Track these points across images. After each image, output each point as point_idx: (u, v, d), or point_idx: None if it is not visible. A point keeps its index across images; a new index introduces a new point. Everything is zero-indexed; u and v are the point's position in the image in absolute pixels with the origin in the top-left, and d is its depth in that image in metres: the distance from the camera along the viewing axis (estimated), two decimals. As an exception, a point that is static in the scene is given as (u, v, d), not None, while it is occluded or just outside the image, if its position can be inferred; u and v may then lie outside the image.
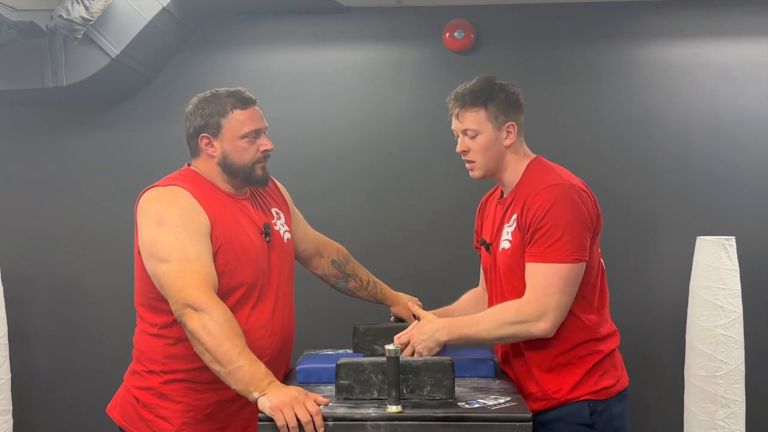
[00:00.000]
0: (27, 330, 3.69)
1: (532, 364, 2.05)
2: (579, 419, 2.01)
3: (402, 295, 2.59)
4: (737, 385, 3.03)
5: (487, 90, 2.06)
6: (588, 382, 2.02)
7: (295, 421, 1.72)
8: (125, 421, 2.14)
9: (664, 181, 3.55)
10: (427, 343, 2.02)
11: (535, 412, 2.01)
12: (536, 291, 1.97)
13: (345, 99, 3.64)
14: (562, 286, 1.96)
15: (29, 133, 3.70)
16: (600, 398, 2.02)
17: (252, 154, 2.14)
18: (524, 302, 1.98)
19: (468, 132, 2.08)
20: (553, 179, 2.01)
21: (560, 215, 1.95)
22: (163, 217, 1.99)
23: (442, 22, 3.57)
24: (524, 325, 1.97)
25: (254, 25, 3.64)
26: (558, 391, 2.02)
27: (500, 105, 2.06)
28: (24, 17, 3.27)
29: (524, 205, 2.01)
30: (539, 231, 1.96)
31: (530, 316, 1.96)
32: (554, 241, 1.95)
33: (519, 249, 2.03)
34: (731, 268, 3.04)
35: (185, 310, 1.88)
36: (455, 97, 2.09)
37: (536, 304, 1.96)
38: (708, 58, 3.54)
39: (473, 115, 2.06)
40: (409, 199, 3.65)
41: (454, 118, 2.10)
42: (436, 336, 2.01)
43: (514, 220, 2.05)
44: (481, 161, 2.09)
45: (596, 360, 2.03)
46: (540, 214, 1.96)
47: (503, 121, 2.07)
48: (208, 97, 2.15)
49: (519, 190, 2.08)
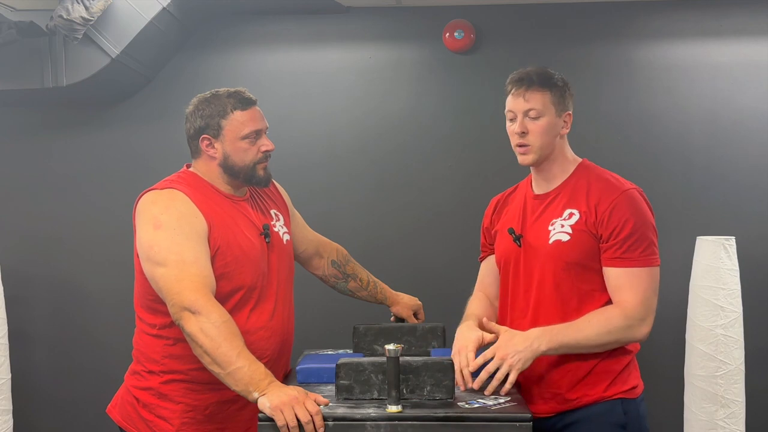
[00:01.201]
0: (27, 330, 3.69)
1: (569, 365, 2.02)
2: (612, 418, 2.00)
3: (402, 295, 2.59)
4: (737, 385, 3.03)
5: (551, 75, 2.08)
6: (619, 381, 2.02)
7: (296, 421, 1.72)
8: (125, 421, 2.14)
9: (664, 181, 3.55)
10: (524, 354, 1.91)
11: (561, 411, 2.02)
12: (640, 294, 1.97)
13: (345, 99, 3.64)
14: (656, 289, 2.01)
15: (29, 133, 3.69)
16: (630, 397, 2.02)
17: (253, 154, 2.14)
18: (629, 306, 1.97)
19: (531, 112, 2.05)
20: (627, 184, 2.06)
21: (646, 221, 2.01)
22: (160, 221, 1.99)
23: (442, 22, 3.57)
24: (630, 330, 1.97)
25: (254, 25, 3.64)
26: (592, 389, 2.01)
27: (562, 92, 2.08)
28: (24, 17, 3.27)
29: (597, 204, 2.01)
30: (632, 237, 1.97)
31: (636, 320, 1.97)
32: (648, 245, 1.99)
33: (582, 244, 2.01)
34: (731, 268, 3.04)
35: (182, 313, 1.88)
36: (520, 77, 2.07)
37: (642, 307, 1.97)
38: (708, 58, 3.54)
39: (540, 95, 2.05)
40: (409, 199, 3.65)
41: (518, 97, 2.06)
42: (535, 345, 1.92)
43: (571, 215, 2.04)
44: (538, 145, 2.06)
45: (627, 361, 2.05)
46: (628, 219, 1.98)
47: (563, 108, 2.08)
48: (208, 97, 2.15)
49: (574, 187, 2.07)
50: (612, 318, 1.97)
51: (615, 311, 1.98)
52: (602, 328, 1.96)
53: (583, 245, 2.01)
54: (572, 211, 2.04)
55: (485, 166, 3.59)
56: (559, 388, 2.04)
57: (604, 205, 2.00)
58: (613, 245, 1.99)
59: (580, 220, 2.02)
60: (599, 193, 2.03)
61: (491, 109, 3.57)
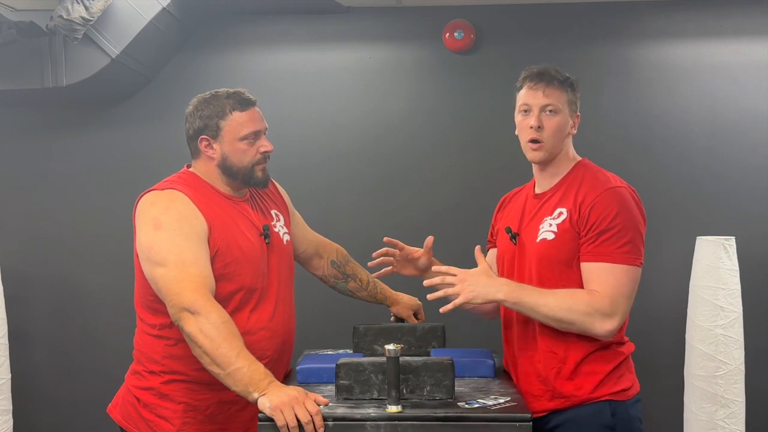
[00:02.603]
0: (27, 330, 3.69)
1: (556, 362, 2.02)
2: (600, 419, 1.99)
3: (402, 295, 2.59)
4: (737, 385, 3.03)
5: (567, 75, 2.10)
6: (608, 382, 2.01)
7: (295, 421, 1.72)
8: (126, 421, 2.14)
9: (664, 180, 3.55)
10: (479, 291, 1.93)
11: (552, 410, 2.01)
12: (608, 289, 1.94)
13: (345, 99, 3.64)
14: (631, 289, 1.97)
15: (29, 133, 3.70)
16: (619, 399, 2.01)
17: (251, 155, 2.13)
18: (597, 297, 1.94)
19: (549, 107, 2.05)
20: (616, 182, 2.04)
21: (629, 218, 1.98)
22: (160, 221, 1.99)
23: (442, 22, 3.57)
24: (590, 318, 1.93)
25: (254, 25, 3.65)
26: (579, 389, 2.00)
27: (575, 93, 2.12)
28: (24, 17, 3.28)
29: (582, 202, 2.00)
30: (608, 232, 1.96)
31: (600, 312, 1.93)
32: (624, 243, 1.96)
33: (566, 243, 2.00)
34: (731, 268, 3.04)
35: (182, 314, 1.88)
36: (540, 72, 2.08)
37: (609, 301, 1.94)
38: (708, 58, 3.54)
39: (559, 93, 2.07)
40: (409, 199, 3.65)
41: (536, 92, 2.06)
42: (493, 291, 1.94)
43: (560, 214, 2.04)
44: (551, 142, 2.07)
45: (618, 362, 2.03)
46: (608, 214, 1.96)
47: (575, 109, 2.11)
48: (208, 98, 2.15)
49: (568, 186, 2.07)
50: (577, 299, 1.94)
51: (583, 295, 1.95)
52: (564, 303, 1.93)
53: (567, 244, 2.01)
54: (561, 210, 2.05)
55: (485, 165, 3.59)
56: (546, 384, 2.02)
57: (587, 202, 2.00)
58: (588, 239, 1.98)
59: (566, 219, 2.02)
60: (585, 191, 2.03)
61: (491, 109, 3.58)
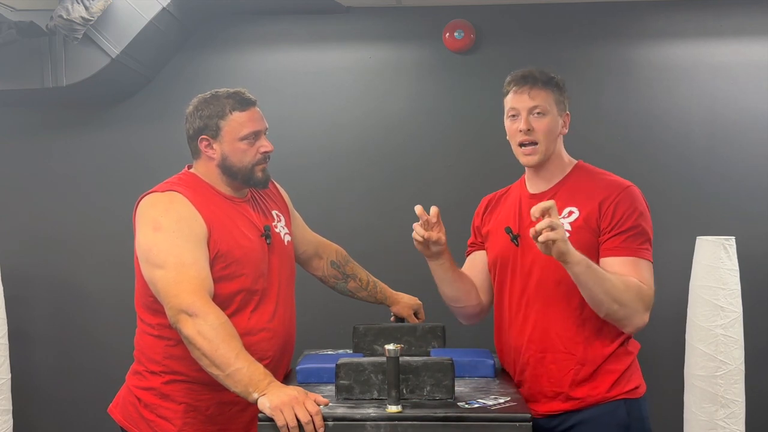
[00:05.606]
0: (27, 330, 3.69)
1: (574, 363, 2.02)
2: (616, 419, 2.00)
3: (402, 294, 2.59)
4: (737, 385, 3.03)
5: (552, 75, 2.10)
6: (622, 381, 2.02)
7: (295, 421, 1.72)
8: (126, 421, 2.14)
9: (664, 181, 3.55)
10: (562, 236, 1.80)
11: (566, 411, 2.02)
12: (650, 283, 2.00)
13: (345, 99, 3.64)
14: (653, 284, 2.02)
15: (29, 133, 3.69)
16: (633, 397, 2.02)
17: (251, 156, 2.13)
18: (645, 287, 1.97)
19: (536, 109, 2.06)
20: (627, 181, 2.08)
21: (647, 216, 2.04)
22: (159, 223, 1.99)
23: (442, 22, 3.57)
24: (638, 306, 1.95)
25: (254, 25, 3.64)
26: (595, 389, 2.01)
27: (561, 92, 2.11)
28: (24, 17, 3.27)
29: (603, 200, 2.02)
30: (635, 228, 2.00)
31: (645, 302, 1.96)
32: (645, 240, 2.02)
33: (581, 241, 1.99)
34: (731, 268, 3.04)
35: (180, 316, 1.88)
36: (524, 75, 2.09)
37: (652, 294, 1.99)
38: (708, 58, 3.54)
39: (545, 93, 2.07)
40: (409, 199, 3.61)
41: (522, 95, 2.07)
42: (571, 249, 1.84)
43: (570, 212, 2.05)
44: (545, 144, 2.07)
45: (630, 360, 2.05)
46: (632, 212, 2.01)
47: (563, 108, 2.12)
48: (208, 98, 2.15)
49: (571, 185, 2.09)
50: (631, 284, 1.95)
51: (635, 282, 1.96)
52: (621, 284, 1.92)
53: (583, 241, 2.01)
54: (572, 209, 2.05)
55: (485, 165, 3.59)
56: (561, 387, 2.04)
57: (609, 200, 2.02)
58: (614, 235, 2.00)
59: (580, 218, 2.03)
60: (603, 191, 2.05)
61: (491, 109, 3.56)
